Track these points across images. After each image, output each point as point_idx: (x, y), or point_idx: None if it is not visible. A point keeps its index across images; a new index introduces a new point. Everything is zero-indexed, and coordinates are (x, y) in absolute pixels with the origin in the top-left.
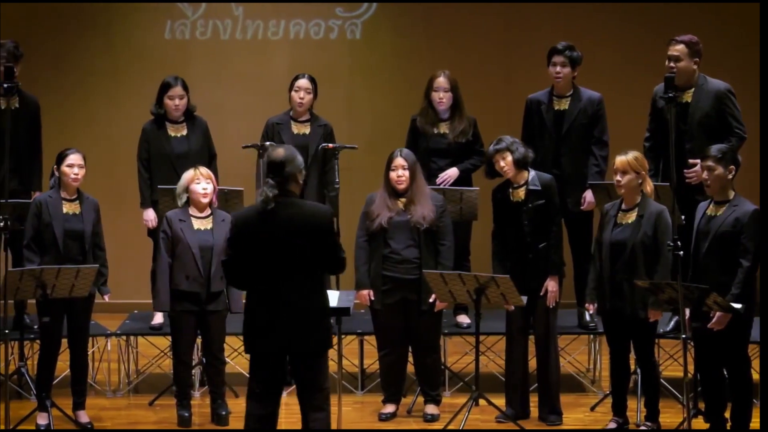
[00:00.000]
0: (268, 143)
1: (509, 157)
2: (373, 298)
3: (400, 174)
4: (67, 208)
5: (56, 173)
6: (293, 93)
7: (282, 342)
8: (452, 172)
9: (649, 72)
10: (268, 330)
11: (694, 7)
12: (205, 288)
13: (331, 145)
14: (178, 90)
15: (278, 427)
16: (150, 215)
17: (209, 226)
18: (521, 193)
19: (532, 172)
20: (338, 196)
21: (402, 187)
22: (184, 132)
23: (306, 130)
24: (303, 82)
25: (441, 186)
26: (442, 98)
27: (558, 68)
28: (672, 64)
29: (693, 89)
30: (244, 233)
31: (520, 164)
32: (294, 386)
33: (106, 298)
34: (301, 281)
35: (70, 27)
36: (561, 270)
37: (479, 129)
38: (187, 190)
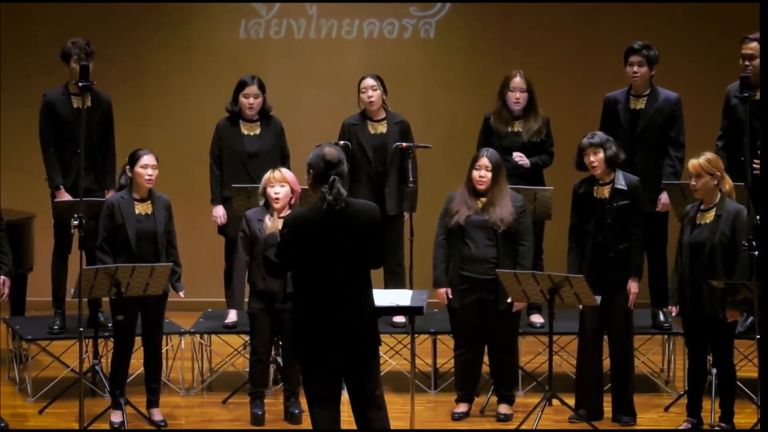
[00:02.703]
0: (342, 142)
1: (601, 154)
2: (450, 297)
3: (483, 174)
4: (140, 208)
5: (128, 174)
6: (362, 95)
7: (343, 343)
8: (527, 160)
9: (725, 72)
10: (328, 332)
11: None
12: (282, 287)
13: (405, 144)
14: (253, 89)
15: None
16: (219, 212)
17: None
18: (606, 191)
19: (619, 172)
20: (416, 193)
21: (482, 187)
22: (258, 131)
23: (383, 128)
24: (368, 81)
25: (518, 182)
26: (518, 98)
27: (635, 68)
28: (747, 63)
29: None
30: (308, 233)
31: (611, 163)
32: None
33: (182, 294)
34: (358, 280)
35: (146, 26)
36: (641, 272)
37: (551, 128)
38: (264, 192)
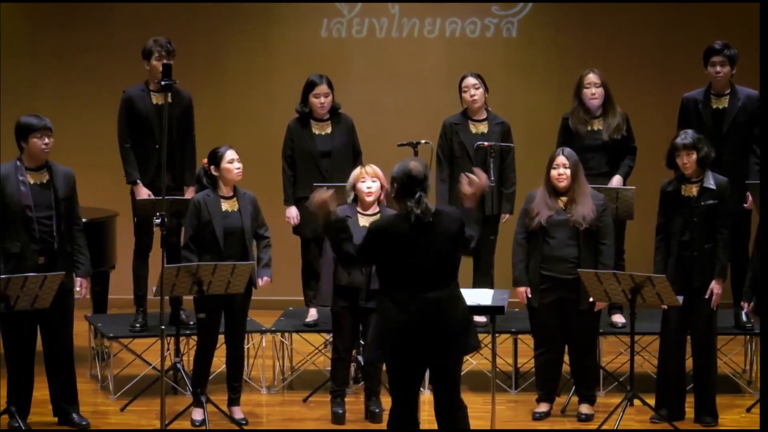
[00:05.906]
0: (424, 141)
1: (694, 156)
2: (530, 296)
3: (561, 172)
4: (226, 205)
5: (214, 173)
6: (463, 94)
7: (424, 350)
8: (616, 181)
9: None
10: (411, 338)
11: None
12: (366, 284)
13: (486, 143)
14: (323, 88)
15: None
16: (293, 213)
17: None
18: (694, 189)
19: (709, 172)
20: (515, 194)
21: (563, 185)
22: (329, 130)
23: (484, 128)
24: (470, 80)
25: (601, 182)
26: (594, 94)
27: (717, 68)
28: None
29: None
30: (393, 243)
31: (702, 163)
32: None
33: (260, 281)
34: (446, 287)
35: (228, 26)
36: (726, 273)
37: (632, 125)
38: (354, 188)
